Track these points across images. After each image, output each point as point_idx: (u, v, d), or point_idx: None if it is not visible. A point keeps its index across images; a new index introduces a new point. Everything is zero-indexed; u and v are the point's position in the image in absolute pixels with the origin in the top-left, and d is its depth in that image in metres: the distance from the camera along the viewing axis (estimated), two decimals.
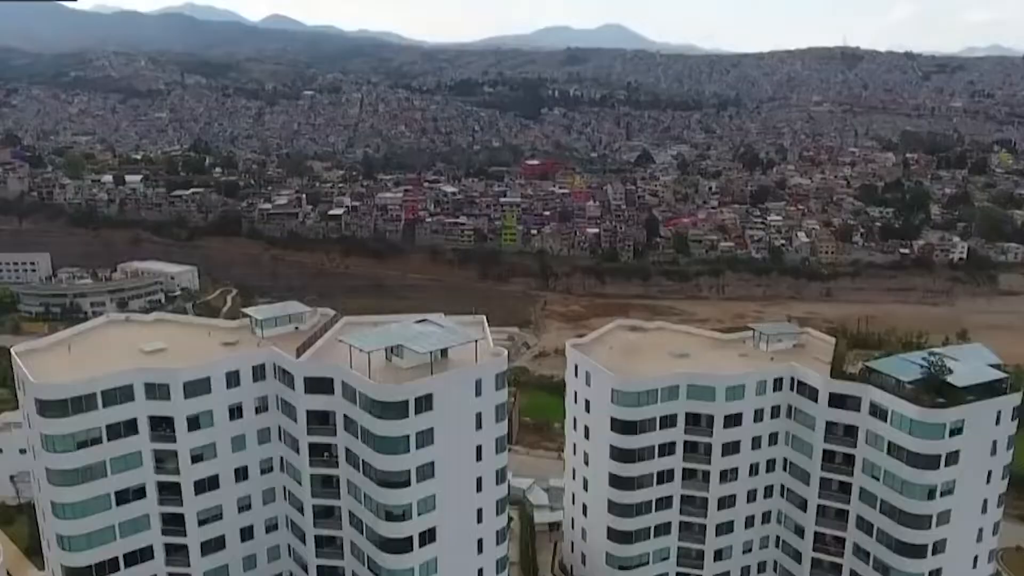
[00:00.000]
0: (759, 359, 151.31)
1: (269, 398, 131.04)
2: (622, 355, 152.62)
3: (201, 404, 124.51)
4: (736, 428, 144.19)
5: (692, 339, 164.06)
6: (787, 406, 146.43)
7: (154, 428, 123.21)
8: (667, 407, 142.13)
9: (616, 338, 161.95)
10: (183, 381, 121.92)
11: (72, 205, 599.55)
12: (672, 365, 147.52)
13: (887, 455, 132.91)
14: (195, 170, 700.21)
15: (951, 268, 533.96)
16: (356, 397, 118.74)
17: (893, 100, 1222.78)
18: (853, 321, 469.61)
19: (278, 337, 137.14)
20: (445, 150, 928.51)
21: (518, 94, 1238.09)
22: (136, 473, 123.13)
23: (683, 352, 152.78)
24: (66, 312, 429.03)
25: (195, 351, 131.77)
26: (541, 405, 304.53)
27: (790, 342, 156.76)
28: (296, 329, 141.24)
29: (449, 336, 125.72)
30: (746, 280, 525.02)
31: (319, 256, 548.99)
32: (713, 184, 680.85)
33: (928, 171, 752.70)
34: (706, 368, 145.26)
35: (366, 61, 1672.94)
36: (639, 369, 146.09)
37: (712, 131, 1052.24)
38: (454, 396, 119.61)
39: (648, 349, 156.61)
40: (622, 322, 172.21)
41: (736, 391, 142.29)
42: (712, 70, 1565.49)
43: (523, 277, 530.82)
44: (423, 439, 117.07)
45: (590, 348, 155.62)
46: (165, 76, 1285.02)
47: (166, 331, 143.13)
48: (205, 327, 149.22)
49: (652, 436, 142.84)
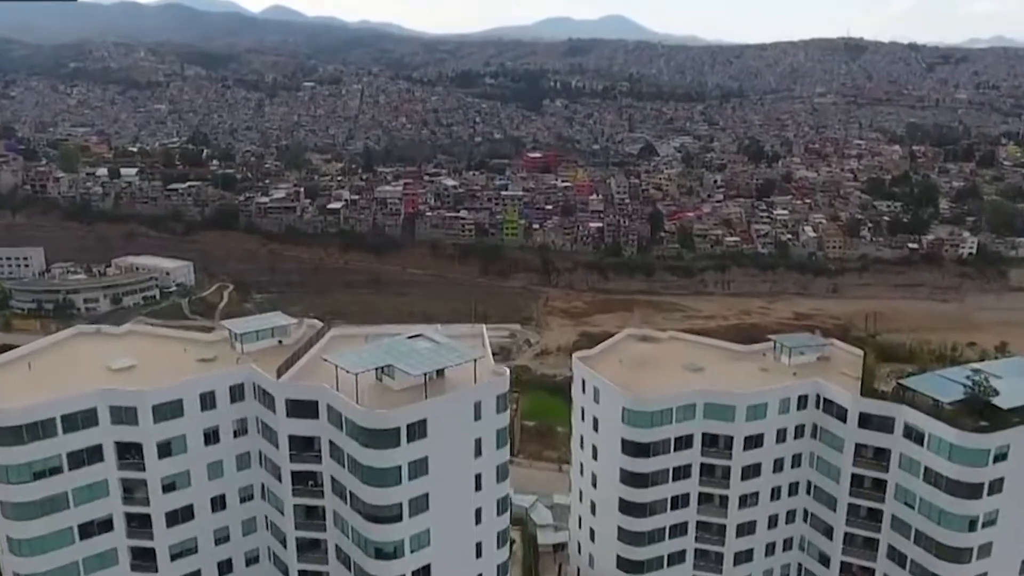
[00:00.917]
0: (781, 374, 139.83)
1: (249, 420, 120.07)
2: (632, 369, 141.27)
3: (173, 428, 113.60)
4: (757, 450, 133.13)
5: (707, 351, 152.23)
6: (812, 425, 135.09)
7: (121, 455, 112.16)
8: (682, 427, 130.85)
9: (626, 349, 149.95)
10: (152, 404, 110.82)
11: (66, 199, 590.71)
12: (687, 381, 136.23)
13: (923, 481, 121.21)
14: (192, 163, 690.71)
15: (960, 264, 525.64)
16: (342, 422, 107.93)
17: (897, 92, 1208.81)
18: (860, 318, 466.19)
19: (260, 352, 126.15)
20: (446, 142, 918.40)
21: (519, 86, 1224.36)
22: (102, 504, 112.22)
23: (698, 366, 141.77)
24: (59, 308, 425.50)
25: (168, 369, 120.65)
26: (543, 407, 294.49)
27: (814, 355, 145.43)
28: (280, 343, 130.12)
29: (445, 355, 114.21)
30: (752, 275, 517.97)
31: (317, 251, 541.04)
32: (718, 177, 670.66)
33: (935, 164, 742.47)
34: (724, 384, 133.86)
35: (367, 52, 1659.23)
36: (651, 385, 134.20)
37: (715, 123, 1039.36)
38: (451, 421, 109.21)
39: (660, 362, 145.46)
40: (632, 332, 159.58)
41: (757, 410, 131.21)
42: (715, 61, 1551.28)
43: (525, 273, 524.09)
44: (416, 469, 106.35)
45: (598, 361, 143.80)
46: (165, 67, 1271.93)
47: (138, 345, 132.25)
48: (181, 341, 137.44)
49: (666, 459, 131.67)
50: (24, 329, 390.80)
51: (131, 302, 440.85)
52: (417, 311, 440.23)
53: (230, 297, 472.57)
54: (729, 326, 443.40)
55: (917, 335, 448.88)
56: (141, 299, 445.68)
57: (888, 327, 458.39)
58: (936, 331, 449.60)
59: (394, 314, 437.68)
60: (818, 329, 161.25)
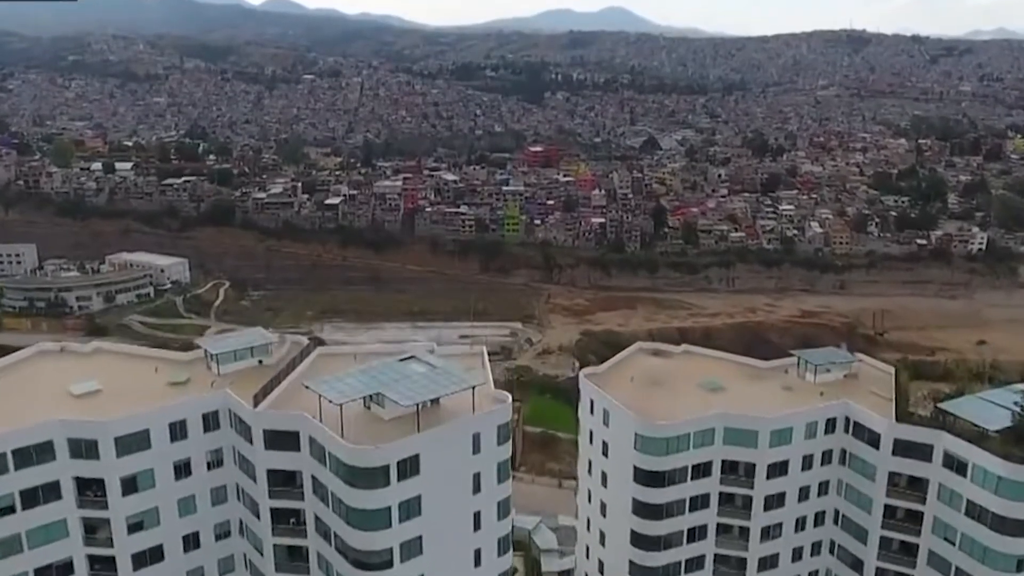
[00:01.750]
0: (806, 394, 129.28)
1: (225, 451, 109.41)
2: (645, 388, 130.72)
3: (139, 462, 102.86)
4: (781, 478, 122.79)
5: (725, 366, 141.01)
6: (840, 451, 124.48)
7: (82, 492, 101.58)
8: (700, 454, 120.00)
9: (637, 366, 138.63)
10: (115, 436, 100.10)
11: (59, 194, 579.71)
12: (704, 401, 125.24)
13: (965, 516, 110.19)
14: (188, 158, 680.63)
15: (969, 260, 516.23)
16: (326, 457, 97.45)
17: (901, 84, 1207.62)
18: (868, 315, 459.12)
19: (238, 374, 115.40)
20: (446, 135, 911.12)
21: (520, 78, 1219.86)
22: (61, 546, 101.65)
23: (716, 384, 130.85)
24: (51, 307, 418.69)
25: (136, 393, 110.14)
26: (546, 411, 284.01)
27: (840, 372, 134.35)
28: (260, 363, 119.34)
29: (440, 381, 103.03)
30: (757, 272, 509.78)
31: (315, 247, 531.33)
32: (722, 172, 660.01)
33: (941, 158, 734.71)
34: (745, 404, 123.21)
35: (367, 45, 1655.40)
36: (666, 407, 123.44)
37: (717, 116, 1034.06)
38: (446, 455, 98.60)
39: (675, 380, 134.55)
40: (643, 346, 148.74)
41: (783, 435, 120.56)
42: (716, 54, 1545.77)
43: (526, 269, 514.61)
44: (408, 510, 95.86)
45: (607, 379, 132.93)
46: (164, 60, 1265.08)
47: (105, 366, 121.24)
48: (152, 360, 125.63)
49: (682, 488, 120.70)
50: (14, 328, 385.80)
51: (125, 300, 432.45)
52: (416, 309, 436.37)
53: (226, 294, 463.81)
54: (734, 324, 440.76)
55: (925, 333, 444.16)
56: (135, 297, 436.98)
57: (896, 325, 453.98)
58: (945, 329, 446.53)
59: (393, 312, 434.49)
60: (844, 343, 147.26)
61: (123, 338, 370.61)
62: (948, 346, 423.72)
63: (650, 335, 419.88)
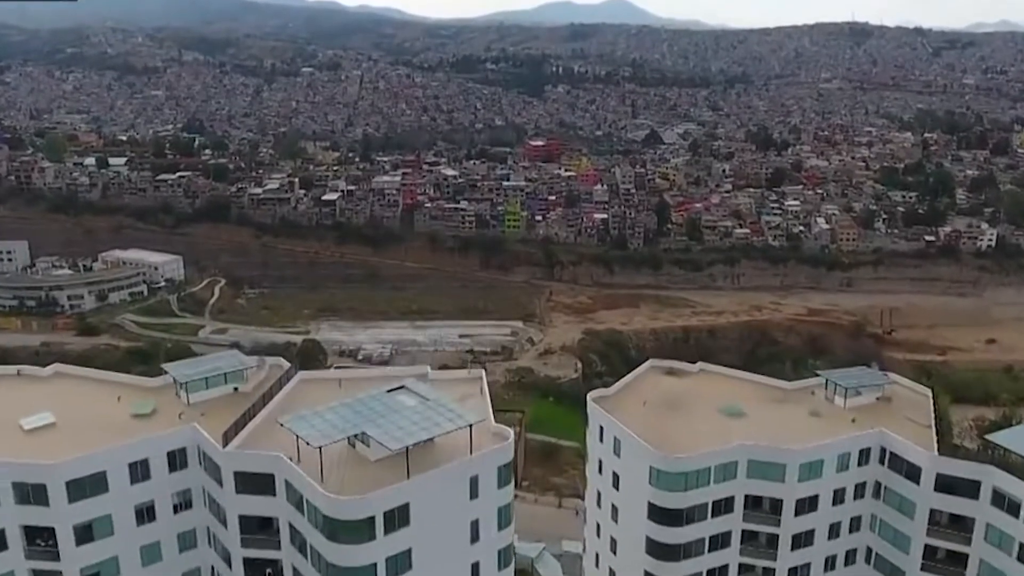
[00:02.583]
0: (836, 420, 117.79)
1: (194, 491, 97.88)
2: (659, 413, 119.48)
3: (95, 507, 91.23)
4: (811, 514, 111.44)
5: (745, 387, 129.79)
6: (874, 483, 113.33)
7: (31, 541, 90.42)
8: (722, 489, 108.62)
9: (649, 387, 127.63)
10: (65, 480, 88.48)
11: (52, 190, 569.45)
12: (725, 429, 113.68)
13: (1017, 560, 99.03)
14: (183, 152, 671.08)
15: (978, 256, 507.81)
16: (304, 506, 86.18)
17: (904, 77, 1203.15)
18: (875, 313, 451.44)
19: (210, 404, 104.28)
20: (446, 128, 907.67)
21: (521, 71, 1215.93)
22: None
23: (737, 409, 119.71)
24: (42, 306, 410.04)
25: (94, 427, 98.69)
26: (548, 418, 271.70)
27: (872, 395, 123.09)
28: (235, 391, 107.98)
29: (433, 417, 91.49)
30: (762, 269, 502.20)
31: (312, 244, 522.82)
32: (726, 166, 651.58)
33: (948, 152, 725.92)
34: (769, 433, 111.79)
35: (366, 37, 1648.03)
36: (684, 436, 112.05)
37: (719, 109, 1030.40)
38: (440, 503, 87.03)
39: (691, 403, 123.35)
40: (656, 363, 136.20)
41: (813, 468, 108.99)
42: (718, 46, 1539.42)
43: (527, 266, 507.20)
44: (396, 566, 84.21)
45: (617, 402, 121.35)
46: (163, 53, 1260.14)
47: (63, 393, 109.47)
48: (115, 387, 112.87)
49: (701, 527, 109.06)
50: (4, 328, 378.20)
51: (117, 298, 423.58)
52: (415, 307, 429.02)
53: (221, 292, 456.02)
54: (739, 322, 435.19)
55: (934, 331, 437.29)
56: (128, 295, 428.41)
57: (904, 323, 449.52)
58: (954, 327, 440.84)
59: (392, 310, 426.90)
60: (875, 362, 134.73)
61: (115, 337, 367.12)
62: (957, 345, 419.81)
63: (653, 334, 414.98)
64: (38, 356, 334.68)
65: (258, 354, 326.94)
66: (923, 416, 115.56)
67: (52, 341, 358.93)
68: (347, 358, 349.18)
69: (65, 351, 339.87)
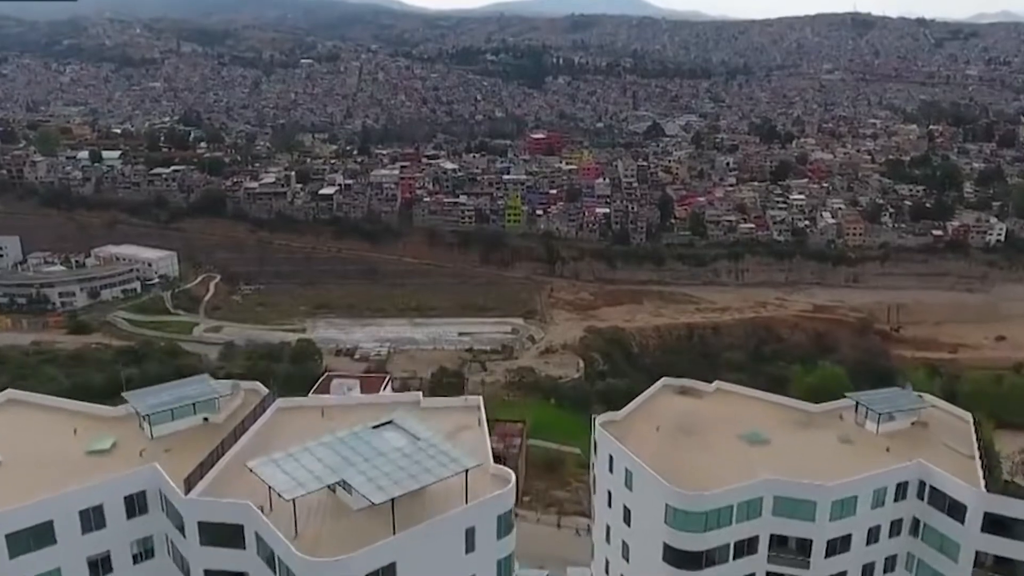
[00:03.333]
0: (868, 448, 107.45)
1: (156, 539, 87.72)
2: (674, 440, 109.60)
3: (41, 562, 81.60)
4: (843, 555, 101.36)
5: (766, 409, 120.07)
6: (911, 519, 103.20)
7: None
8: (745, 528, 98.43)
9: (662, 409, 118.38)
10: (5, 533, 78.75)
11: (44, 184, 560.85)
12: (747, 459, 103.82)
13: None
14: (178, 145, 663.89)
15: (987, 252, 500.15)
16: (276, 564, 76.12)
17: (906, 68, 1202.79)
18: (882, 310, 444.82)
19: (177, 437, 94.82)
20: (446, 120, 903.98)
21: (521, 62, 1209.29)
22: None
23: (760, 435, 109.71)
24: (32, 303, 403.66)
25: (45, 466, 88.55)
26: (549, 420, 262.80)
27: (907, 419, 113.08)
28: (205, 421, 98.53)
29: (423, 462, 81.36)
30: (766, 265, 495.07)
31: (309, 239, 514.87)
32: (730, 160, 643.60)
33: (954, 144, 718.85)
34: (796, 464, 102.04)
35: (366, 28, 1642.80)
36: (701, 466, 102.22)
37: (721, 100, 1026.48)
38: (431, 560, 77.43)
39: (708, 428, 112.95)
40: (669, 382, 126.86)
41: (845, 505, 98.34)
42: (719, 37, 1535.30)
43: (528, 262, 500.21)
44: None
45: (628, 427, 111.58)
46: (161, 44, 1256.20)
47: (14, 424, 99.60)
48: (73, 416, 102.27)
49: (722, 570, 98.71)
50: None
51: (110, 295, 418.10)
52: (414, 304, 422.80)
53: (216, 288, 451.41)
54: (744, 319, 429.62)
55: (942, 328, 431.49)
56: (121, 292, 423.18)
57: (911, 320, 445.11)
58: (962, 324, 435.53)
59: (390, 307, 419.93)
60: (908, 383, 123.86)
61: (107, 336, 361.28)
62: (966, 342, 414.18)
63: (657, 331, 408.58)
64: (28, 356, 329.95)
65: (253, 352, 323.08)
66: (964, 444, 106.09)
67: (43, 340, 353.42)
68: (344, 357, 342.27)
69: (56, 350, 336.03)
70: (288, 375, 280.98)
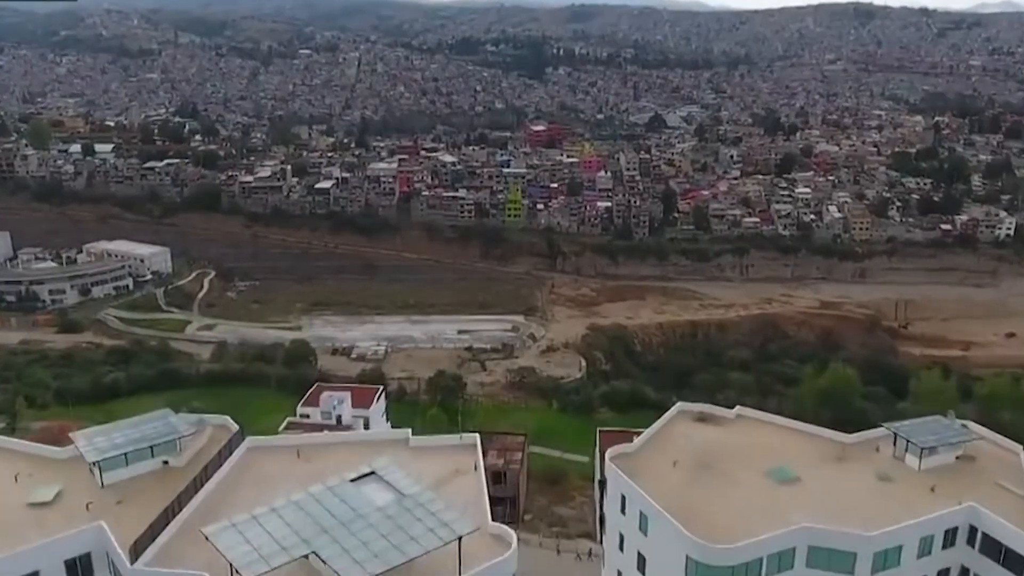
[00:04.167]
0: (911, 486, 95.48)
1: None
2: (693, 477, 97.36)
3: None
4: None
5: (795, 441, 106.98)
6: (960, 568, 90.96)
7: None
8: None
9: (679, 439, 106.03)
10: None
11: (35, 178, 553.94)
12: (775, 500, 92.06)
13: None
14: (173, 138, 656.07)
15: (996, 246, 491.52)
16: None
17: (909, 59, 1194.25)
18: (889, 305, 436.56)
19: (131, 484, 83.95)
20: (446, 112, 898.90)
21: (521, 53, 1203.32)
22: None
23: (788, 471, 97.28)
24: (21, 301, 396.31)
25: None
26: (552, 429, 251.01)
27: (951, 453, 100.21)
28: (165, 465, 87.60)
29: (410, 527, 69.86)
30: (772, 259, 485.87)
31: (305, 234, 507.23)
32: (734, 152, 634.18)
33: (960, 136, 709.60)
34: (831, 504, 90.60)
35: (365, 18, 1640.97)
36: (724, 509, 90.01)
37: (722, 91, 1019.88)
38: None
39: (731, 462, 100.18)
40: (685, 408, 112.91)
41: (889, 556, 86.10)
42: (720, 27, 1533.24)
43: (528, 257, 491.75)
44: None
45: (643, 462, 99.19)
46: (158, 35, 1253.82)
47: None
48: (16, 458, 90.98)
49: None
50: None
51: (101, 293, 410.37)
52: (412, 301, 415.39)
53: (210, 285, 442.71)
54: (749, 316, 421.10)
55: (951, 324, 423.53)
56: (112, 289, 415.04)
57: (920, 316, 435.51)
58: (971, 320, 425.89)
59: (387, 304, 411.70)
60: (952, 411, 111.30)
61: (98, 335, 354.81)
62: (975, 339, 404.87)
63: (660, 329, 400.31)
64: (16, 356, 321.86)
65: (246, 352, 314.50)
66: (1018, 481, 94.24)
67: (31, 339, 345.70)
68: (340, 356, 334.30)
69: (45, 350, 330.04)
70: (281, 378, 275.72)
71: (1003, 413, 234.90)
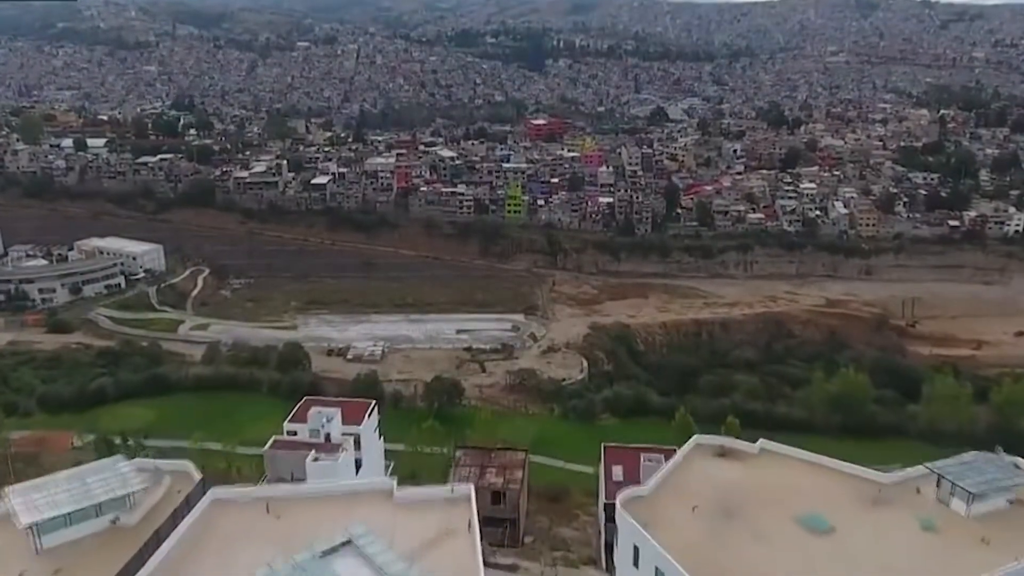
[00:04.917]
0: (960, 538, 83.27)
1: None
2: (715, 526, 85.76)
3: None
4: None
5: (827, 480, 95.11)
6: None
7: None
8: None
9: (698, 479, 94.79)
10: None
11: (26, 174, 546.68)
12: (808, 552, 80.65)
13: None
14: (167, 132, 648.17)
15: (1005, 243, 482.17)
16: None
17: (912, 50, 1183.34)
18: (896, 303, 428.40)
19: (73, 550, 73.70)
20: (445, 104, 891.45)
21: (521, 45, 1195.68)
22: None
23: (821, 520, 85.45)
24: (11, 300, 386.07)
25: None
26: (554, 437, 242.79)
27: (1002, 497, 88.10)
28: (114, 524, 77.27)
29: None
30: (777, 256, 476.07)
31: (301, 230, 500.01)
32: (738, 146, 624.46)
33: (966, 129, 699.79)
34: (869, 558, 78.85)
35: (364, 10, 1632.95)
36: (751, 565, 78.60)
37: (724, 83, 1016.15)
38: None
39: (757, 508, 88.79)
40: (703, 441, 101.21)
41: None
42: (721, 19, 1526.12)
43: (528, 254, 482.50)
44: None
45: (657, 507, 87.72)
46: (156, 27, 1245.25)
47: None
48: None
49: None
50: None
51: (92, 291, 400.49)
52: (410, 299, 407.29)
53: (204, 283, 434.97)
54: (754, 314, 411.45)
55: (959, 322, 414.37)
56: (104, 288, 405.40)
57: (927, 314, 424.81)
58: (979, 318, 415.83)
59: (385, 302, 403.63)
60: (999, 446, 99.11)
61: (88, 335, 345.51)
62: (985, 338, 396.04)
63: (663, 328, 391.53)
64: (3, 358, 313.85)
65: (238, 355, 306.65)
66: None
67: (20, 340, 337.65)
68: (336, 357, 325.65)
69: (34, 351, 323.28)
70: (274, 382, 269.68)
71: (1021, 420, 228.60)
